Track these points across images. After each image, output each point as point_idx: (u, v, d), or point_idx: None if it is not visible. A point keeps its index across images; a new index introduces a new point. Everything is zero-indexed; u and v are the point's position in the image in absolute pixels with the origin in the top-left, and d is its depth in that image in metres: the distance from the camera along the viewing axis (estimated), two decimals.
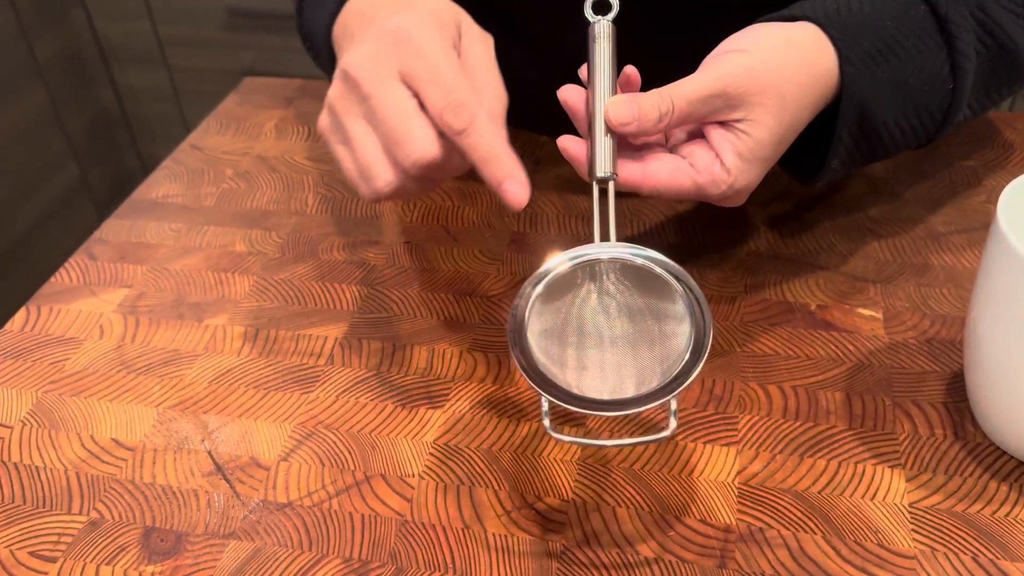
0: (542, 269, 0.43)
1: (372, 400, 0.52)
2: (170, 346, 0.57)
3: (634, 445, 0.48)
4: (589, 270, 0.43)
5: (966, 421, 0.50)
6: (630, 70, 0.48)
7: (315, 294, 0.60)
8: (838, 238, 0.63)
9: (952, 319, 0.56)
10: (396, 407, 0.52)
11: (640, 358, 0.43)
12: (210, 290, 0.61)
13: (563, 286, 0.43)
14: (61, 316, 0.59)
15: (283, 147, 0.75)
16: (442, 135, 0.44)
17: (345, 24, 0.54)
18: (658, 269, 0.43)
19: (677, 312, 0.43)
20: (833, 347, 0.54)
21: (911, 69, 0.50)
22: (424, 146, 0.44)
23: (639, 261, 0.43)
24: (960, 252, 0.61)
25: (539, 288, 0.43)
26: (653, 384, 0.43)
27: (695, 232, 0.64)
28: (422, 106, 0.45)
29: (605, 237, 0.44)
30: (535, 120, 0.74)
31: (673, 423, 0.42)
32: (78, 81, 1.76)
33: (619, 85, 0.48)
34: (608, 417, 0.50)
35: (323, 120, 0.48)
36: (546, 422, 0.43)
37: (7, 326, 0.59)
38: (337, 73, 0.47)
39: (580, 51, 0.48)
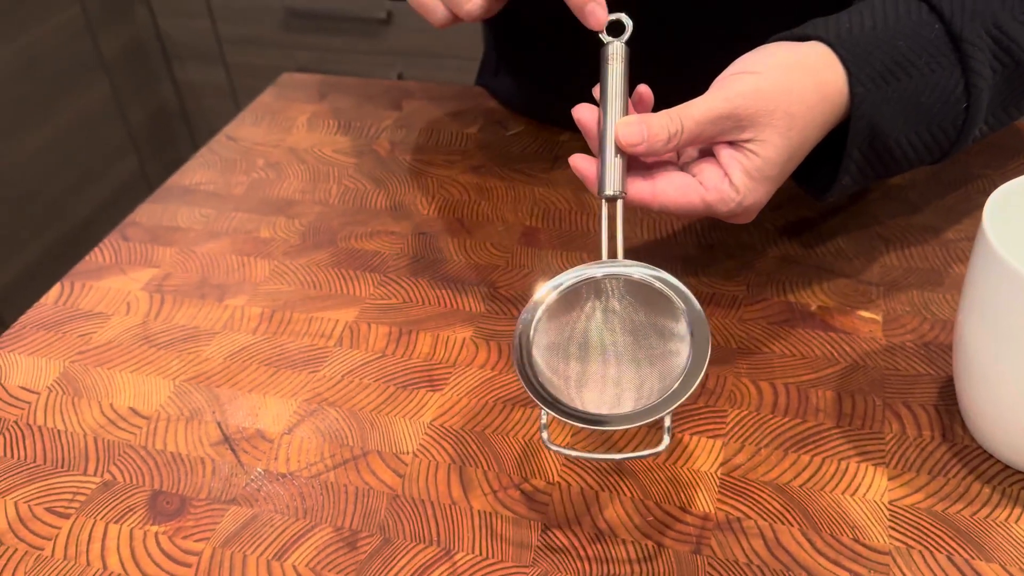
0: (549, 284, 0.44)
1: (375, 381, 0.55)
2: (191, 323, 0.60)
3: (627, 459, 0.49)
4: (595, 286, 0.45)
5: (956, 424, 0.50)
6: (643, 89, 0.50)
7: (330, 280, 0.63)
8: (847, 242, 0.63)
9: (952, 324, 0.56)
10: (397, 388, 0.54)
11: (639, 374, 0.44)
12: (232, 272, 0.64)
13: (569, 301, 0.45)
14: (92, 292, 0.63)
15: (313, 140, 0.78)
16: None
17: None
18: (660, 286, 0.44)
19: (678, 330, 0.44)
20: (829, 347, 0.55)
21: (924, 88, 0.50)
22: None
23: (643, 279, 0.44)
24: (968, 260, 0.61)
25: (545, 303, 0.44)
26: (650, 400, 0.44)
27: (704, 231, 0.65)
28: None
29: (613, 254, 0.46)
30: (556, 116, 0.76)
31: (666, 439, 0.43)
32: (140, 75, 1.83)
33: (632, 103, 0.49)
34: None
35: None
36: (544, 435, 0.44)
37: (42, 299, 0.62)
38: None
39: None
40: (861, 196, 0.67)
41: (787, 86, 0.48)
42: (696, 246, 0.64)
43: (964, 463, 0.48)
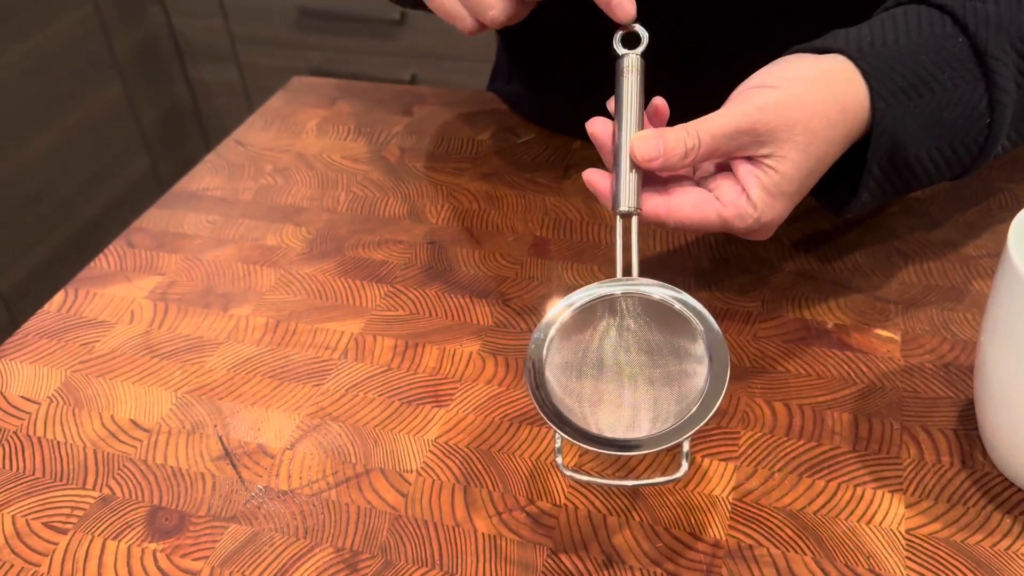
0: (563, 303, 0.43)
1: (380, 396, 0.54)
2: (195, 333, 0.59)
3: (644, 486, 0.47)
4: (611, 304, 0.44)
5: (976, 450, 0.49)
6: (658, 101, 0.48)
7: (337, 290, 0.62)
8: (864, 258, 0.62)
9: (973, 345, 0.54)
10: (402, 404, 0.53)
11: (656, 396, 0.43)
12: (238, 281, 0.63)
13: (583, 320, 0.43)
14: (96, 300, 0.62)
15: (322, 145, 0.77)
16: None
17: None
18: (679, 307, 0.43)
19: (695, 351, 0.43)
20: (846, 367, 0.54)
21: (946, 103, 0.49)
22: None
23: (662, 299, 0.43)
24: (990, 277, 0.59)
25: (559, 323, 0.43)
26: (667, 424, 0.42)
27: (719, 245, 0.64)
28: None
29: (628, 270, 0.45)
30: (569, 124, 0.75)
31: (685, 465, 0.42)
32: (153, 75, 1.82)
33: (647, 116, 0.48)
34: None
35: None
36: (559, 459, 0.43)
37: (45, 307, 0.62)
38: None
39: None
40: (879, 210, 0.66)
41: (807, 100, 0.46)
42: (710, 260, 0.62)
43: (984, 491, 0.47)
